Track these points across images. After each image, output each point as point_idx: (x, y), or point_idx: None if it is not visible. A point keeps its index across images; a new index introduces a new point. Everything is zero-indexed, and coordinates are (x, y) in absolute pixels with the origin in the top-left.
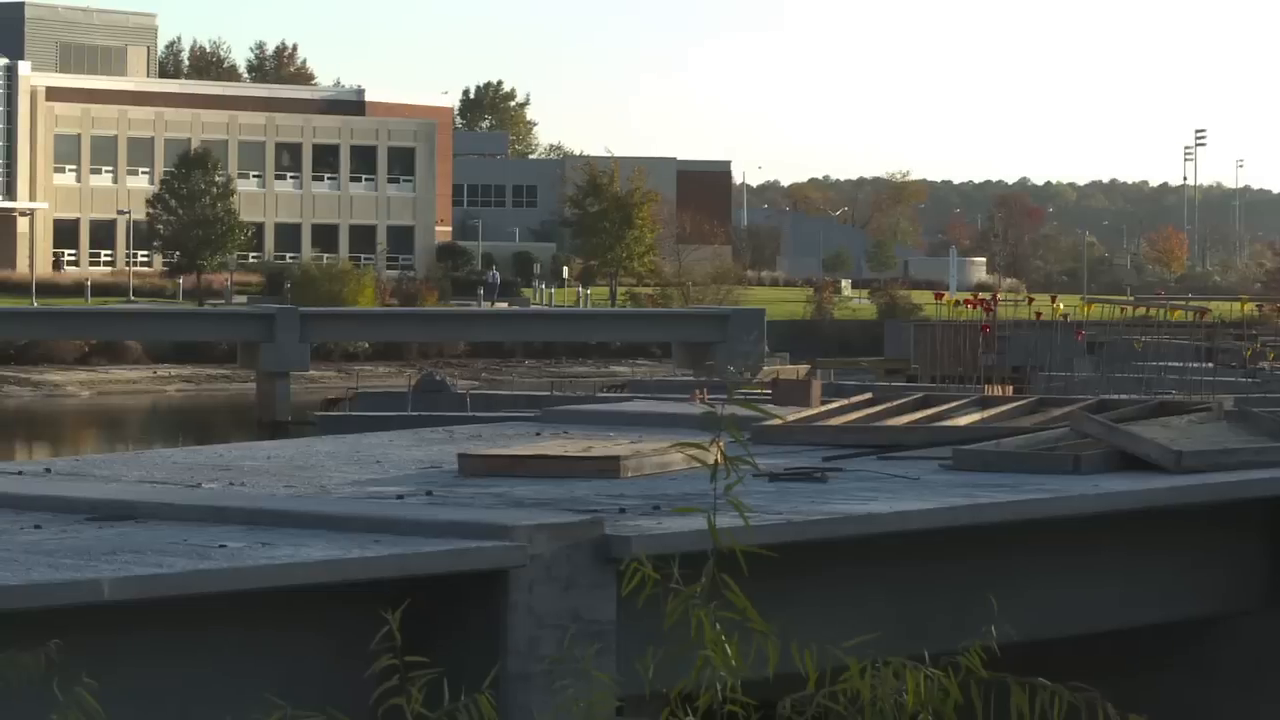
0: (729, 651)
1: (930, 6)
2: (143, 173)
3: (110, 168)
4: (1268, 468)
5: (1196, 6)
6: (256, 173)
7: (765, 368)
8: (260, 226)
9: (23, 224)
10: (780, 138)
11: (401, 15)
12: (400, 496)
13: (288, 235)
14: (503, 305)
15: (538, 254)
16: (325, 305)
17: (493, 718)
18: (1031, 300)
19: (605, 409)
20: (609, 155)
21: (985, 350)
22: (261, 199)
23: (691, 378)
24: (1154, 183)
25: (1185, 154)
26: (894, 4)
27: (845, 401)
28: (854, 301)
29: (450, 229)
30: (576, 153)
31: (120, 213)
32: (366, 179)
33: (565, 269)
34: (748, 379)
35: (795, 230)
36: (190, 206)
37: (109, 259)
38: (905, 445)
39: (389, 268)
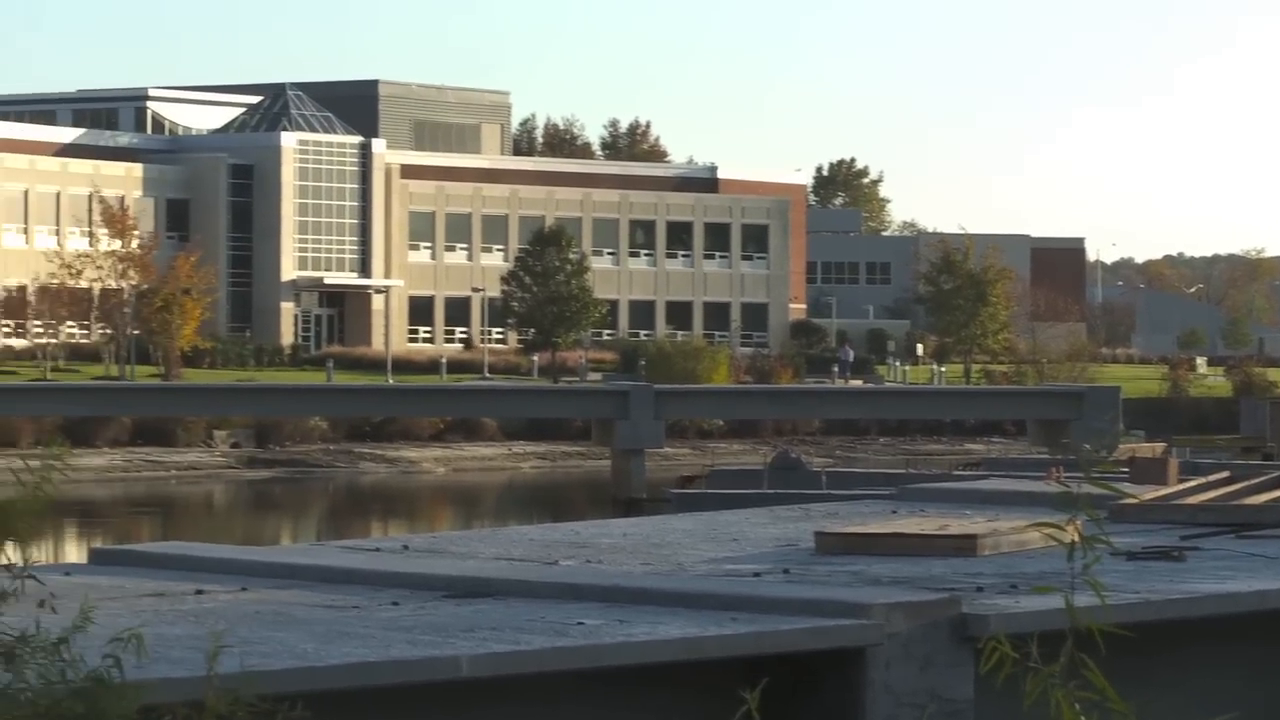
0: None
1: None
2: (497, 250)
3: (465, 245)
4: None
5: None
6: (610, 250)
7: (1121, 446)
8: (614, 303)
9: (378, 301)
10: (1134, 215)
11: (754, 93)
12: (757, 574)
13: (642, 312)
14: (856, 382)
15: (891, 331)
16: (679, 382)
17: None
18: None
19: (961, 487)
20: (962, 232)
21: None
22: (615, 276)
23: (1047, 456)
24: None
25: None
26: (1245, 83)
27: (1202, 480)
28: (1209, 379)
29: (804, 306)
30: (930, 229)
31: (475, 290)
32: (720, 256)
33: (919, 346)
34: (1103, 457)
35: (1149, 307)
36: (544, 283)
37: (464, 336)
38: (1264, 523)
39: (743, 345)
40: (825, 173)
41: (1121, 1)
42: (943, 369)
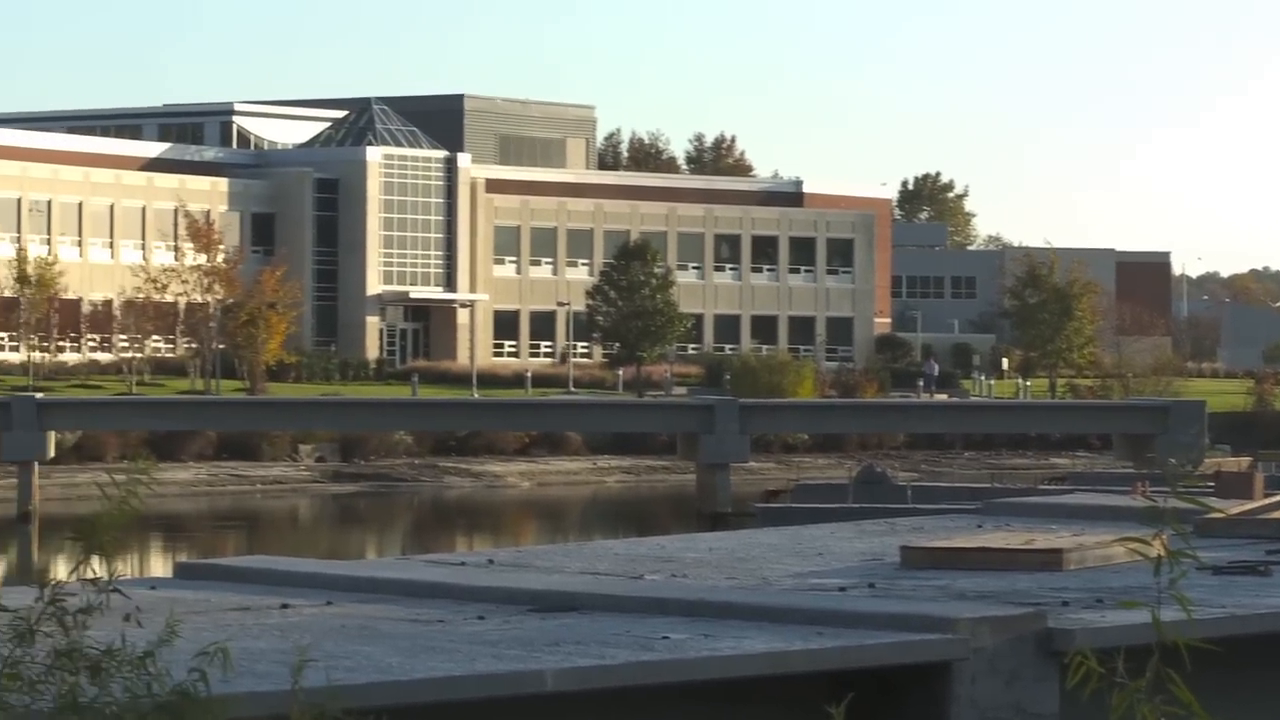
0: None
1: None
2: (582, 264)
3: (550, 259)
4: None
5: None
6: (695, 264)
7: (1206, 460)
8: (699, 317)
9: (463, 315)
10: (1219, 229)
11: (840, 107)
12: (842, 589)
13: (727, 326)
14: (941, 397)
15: (976, 345)
16: (764, 397)
17: None
18: None
19: (1046, 501)
20: (1048, 246)
21: None
22: (700, 290)
23: (1132, 470)
24: None
25: None
26: None
27: None
28: None
29: (889, 320)
30: (1015, 244)
31: (560, 304)
32: (805, 270)
33: (1004, 360)
34: (1189, 471)
35: (1234, 321)
36: (629, 298)
37: (549, 350)
38: None
39: (828, 359)
40: (910, 187)
41: (1202, 17)
42: (1028, 383)
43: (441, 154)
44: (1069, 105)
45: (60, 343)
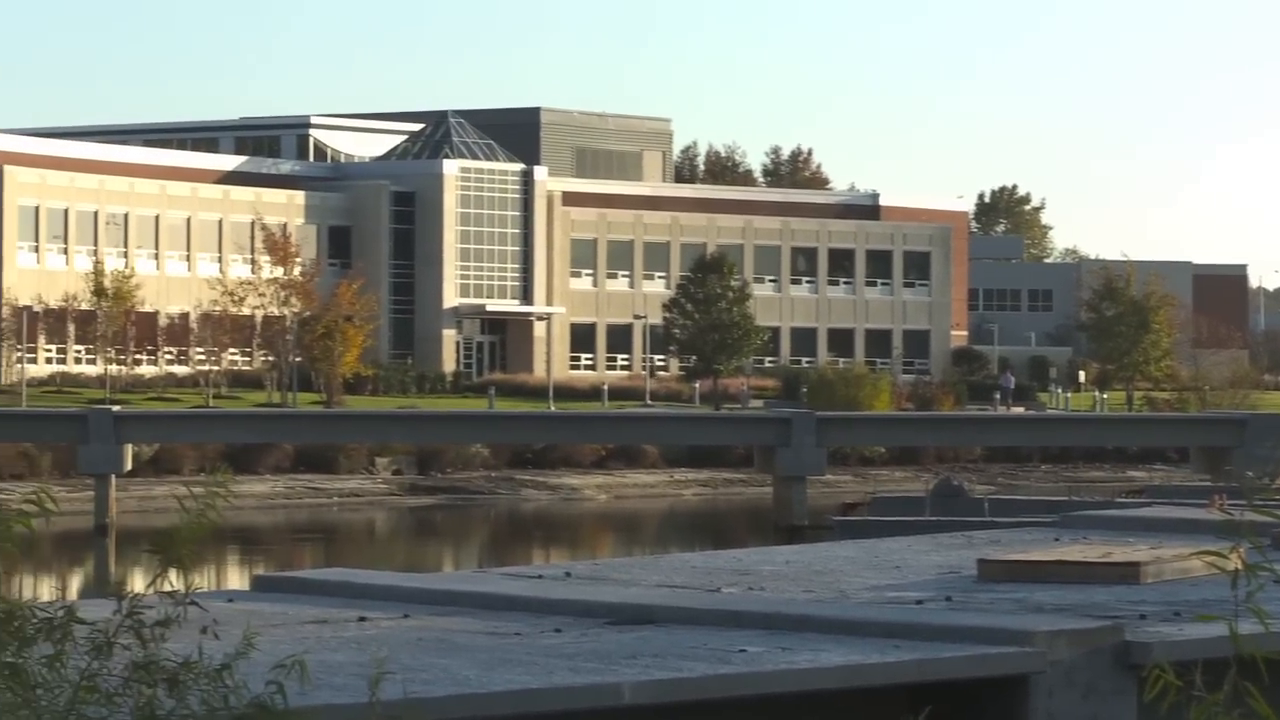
0: None
1: None
2: (659, 277)
3: (626, 272)
4: None
5: None
6: (772, 277)
7: None
8: (776, 330)
9: (539, 328)
10: None
11: (916, 120)
12: (919, 601)
13: (803, 339)
14: (1018, 409)
15: (1053, 358)
16: (841, 409)
17: None
18: None
19: (1124, 514)
20: (1124, 259)
21: None
22: (777, 303)
23: (1209, 483)
24: None
25: None
26: None
27: None
28: None
29: (966, 333)
30: (1092, 256)
31: (636, 317)
32: (882, 283)
33: (1081, 373)
34: (1266, 484)
35: None
36: (706, 311)
37: (625, 363)
38: None
39: (905, 372)
40: (987, 200)
41: (1278, 30)
42: (1105, 396)
43: (518, 167)
44: (1146, 117)
45: (137, 356)
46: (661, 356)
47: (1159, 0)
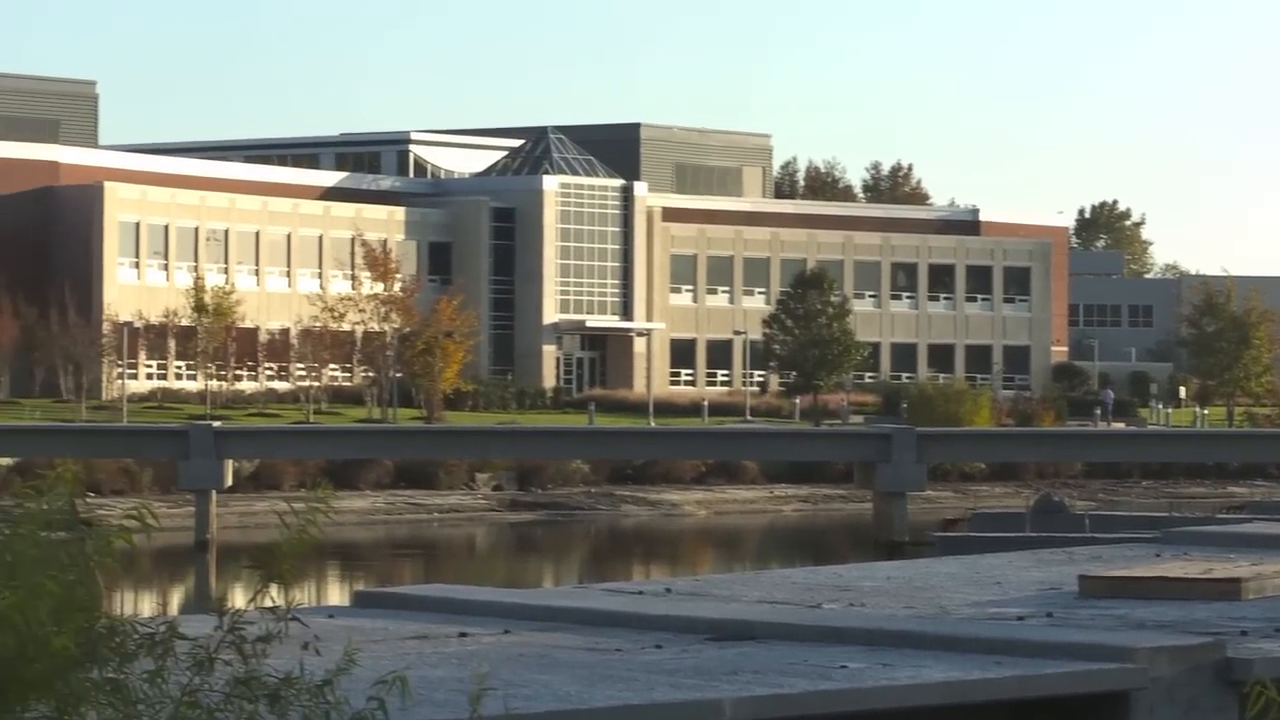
0: None
1: None
2: (758, 293)
3: (726, 288)
4: None
5: None
6: (872, 292)
7: None
8: (876, 346)
9: (639, 344)
10: None
11: (1016, 136)
12: (1020, 618)
13: (903, 355)
14: (1119, 425)
15: (1154, 373)
16: (941, 425)
17: None
18: None
19: (1225, 530)
20: (1224, 274)
21: None
22: (877, 318)
23: None
24: None
25: None
26: None
27: None
28: None
29: (1066, 349)
30: (1192, 272)
31: (736, 333)
32: (982, 298)
33: (1181, 389)
34: None
35: None
36: (806, 326)
37: (725, 378)
38: None
39: (1005, 387)
40: (1087, 215)
41: None
42: (1205, 412)
43: (618, 183)
44: (1245, 132)
45: (237, 371)
46: (761, 372)
47: (1260, 13)
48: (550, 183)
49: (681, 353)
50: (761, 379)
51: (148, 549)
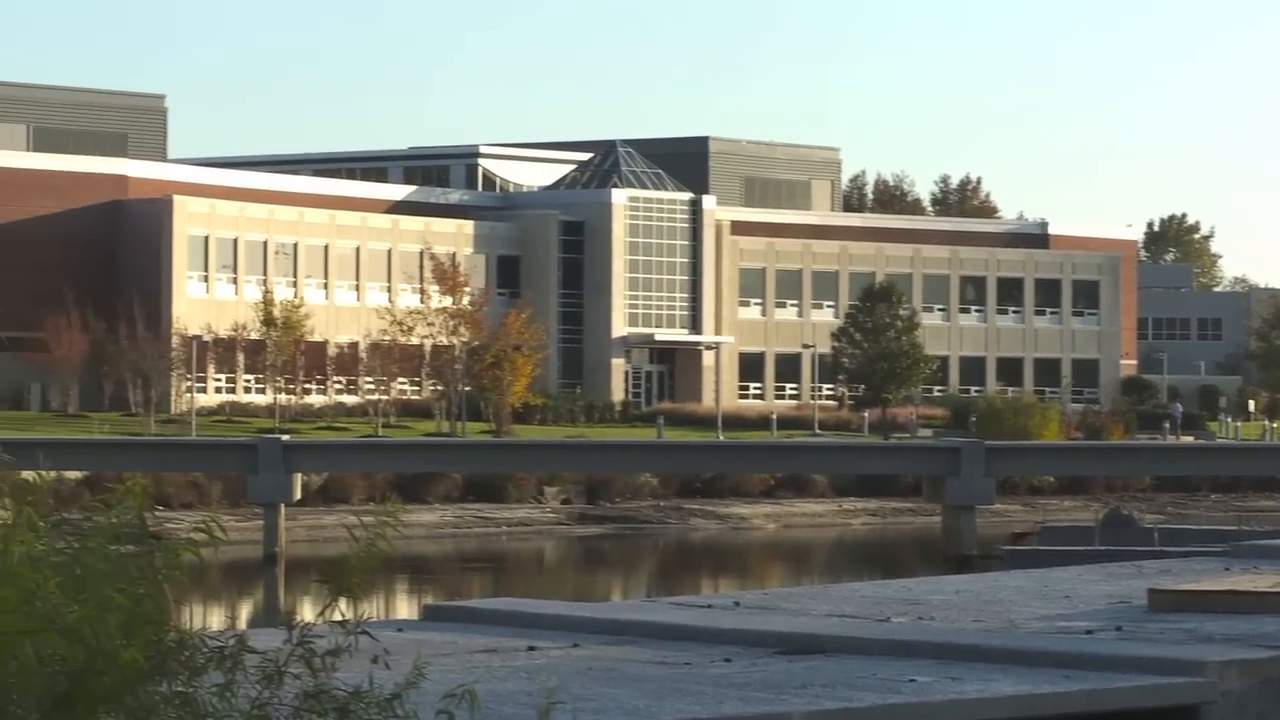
0: None
1: None
2: (827, 306)
3: (795, 301)
4: None
5: None
6: (941, 306)
7: None
8: (945, 360)
9: (708, 358)
10: None
11: (1085, 149)
12: (1089, 631)
13: (972, 368)
14: (1188, 439)
15: (1223, 387)
16: (1010, 439)
17: None
18: None
19: None
20: None
21: None
22: (946, 332)
23: None
24: None
25: None
26: None
27: None
28: None
29: (1135, 362)
30: (1261, 285)
31: (805, 346)
32: (1051, 312)
33: (1251, 402)
34: None
35: None
36: (875, 340)
37: (794, 392)
38: None
39: (1074, 401)
40: (1156, 228)
41: None
42: (1274, 425)
43: (687, 196)
44: None
45: (306, 385)
46: (830, 385)
47: None
48: (619, 196)
49: (750, 366)
50: (833, 393)
51: (216, 562)
